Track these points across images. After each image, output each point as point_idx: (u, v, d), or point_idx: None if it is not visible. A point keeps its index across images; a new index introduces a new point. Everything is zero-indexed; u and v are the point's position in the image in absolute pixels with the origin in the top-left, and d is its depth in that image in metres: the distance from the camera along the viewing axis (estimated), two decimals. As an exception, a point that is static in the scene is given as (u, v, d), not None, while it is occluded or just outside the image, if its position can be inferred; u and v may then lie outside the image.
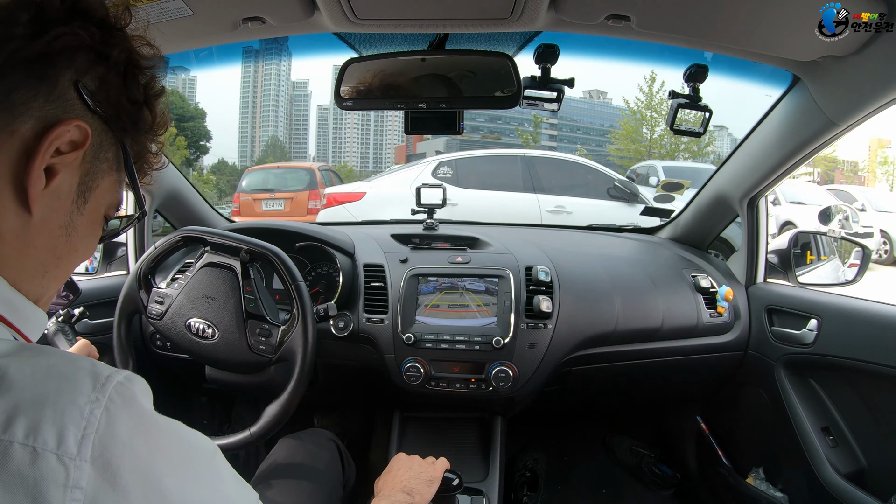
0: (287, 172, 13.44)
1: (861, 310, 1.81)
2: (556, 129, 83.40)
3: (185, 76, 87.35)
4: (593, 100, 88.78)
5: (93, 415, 0.52)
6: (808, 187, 14.71)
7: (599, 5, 1.29)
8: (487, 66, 1.43)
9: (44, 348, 0.59)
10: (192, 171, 44.69)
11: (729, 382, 2.29)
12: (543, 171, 7.97)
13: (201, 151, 48.46)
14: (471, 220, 2.75)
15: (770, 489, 2.08)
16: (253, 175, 13.58)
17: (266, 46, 67.14)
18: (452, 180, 7.42)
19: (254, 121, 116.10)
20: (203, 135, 47.89)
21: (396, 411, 2.11)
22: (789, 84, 1.71)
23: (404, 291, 1.97)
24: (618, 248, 2.52)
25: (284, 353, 1.52)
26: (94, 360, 0.58)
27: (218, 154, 78.40)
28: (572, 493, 2.63)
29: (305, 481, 1.49)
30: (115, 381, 0.56)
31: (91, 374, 0.56)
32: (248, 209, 12.00)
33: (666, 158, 24.35)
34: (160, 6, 1.25)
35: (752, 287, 2.21)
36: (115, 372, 0.57)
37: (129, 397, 0.56)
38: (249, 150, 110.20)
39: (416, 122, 1.54)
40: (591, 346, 2.01)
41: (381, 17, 1.37)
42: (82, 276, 2.20)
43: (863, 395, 1.83)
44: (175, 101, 46.44)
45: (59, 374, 0.54)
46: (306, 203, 11.81)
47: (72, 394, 0.53)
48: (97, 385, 0.54)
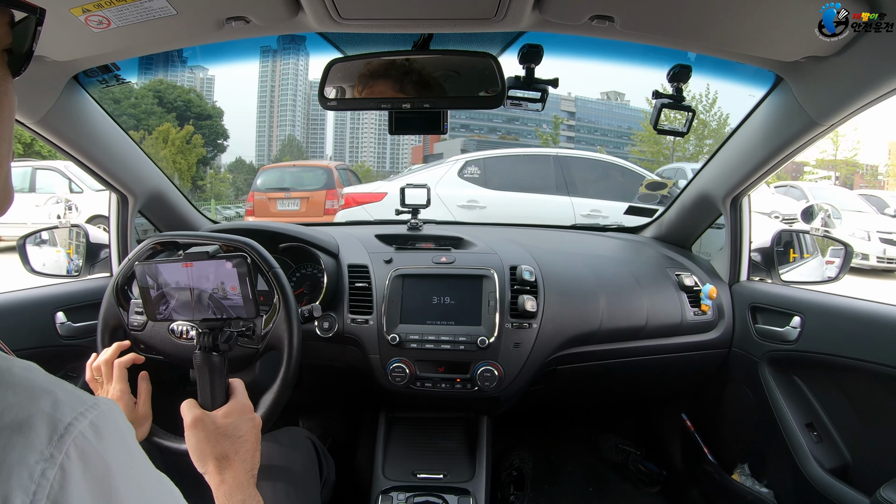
0: (303, 171, 12.87)
1: (844, 307, 1.83)
2: (573, 130, 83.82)
3: (202, 75, 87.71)
4: (611, 101, 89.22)
5: (44, 477, 0.47)
6: (840, 192, 14.52)
7: (584, 6, 1.29)
8: (472, 67, 1.42)
9: (3, 374, 0.52)
10: (209, 169, 45.07)
11: (713, 380, 2.31)
12: (577, 172, 7.47)
13: (218, 150, 49.06)
14: (455, 221, 2.75)
15: (755, 485, 2.10)
16: (268, 173, 13.12)
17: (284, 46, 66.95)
18: (480, 181, 7.17)
19: (271, 119, 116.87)
20: (220, 133, 48.17)
21: (382, 412, 2.11)
22: (772, 84, 1.72)
23: (389, 292, 1.97)
24: (602, 247, 2.53)
25: (271, 340, 1.49)
26: (59, 394, 0.52)
27: (235, 153, 79.11)
28: (559, 491, 2.64)
29: (282, 482, 1.47)
30: (77, 431, 0.50)
31: (48, 420, 0.49)
32: (262, 209, 11.67)
33: (690, 161, 24.19)
34: (143, 5, 1.24)
35: (735, 285, 2.23)
36: (80, 414, 0.51)
37: (91, 451, 0.50)
38: (267, 149, 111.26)
39: (400, 123, 1.54)
40: (576, 345, 2.02)
41: (366, 16, 1.37)
42: (64, 279, 2.18)
43: (846, 391, 1.85)
44: (192, 100, 46.85)
45: (11, 424, 0.48)
46: (323, 203, 11.36)
47: (22, 450, 0.47)
48: (53, 437, 0.49)
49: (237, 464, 1.08)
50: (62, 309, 2.00)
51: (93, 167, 1.95)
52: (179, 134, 36.77)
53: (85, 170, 1.95)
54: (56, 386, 0.53)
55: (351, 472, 2.40)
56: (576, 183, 7.27)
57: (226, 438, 1.11)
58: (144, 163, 2.16)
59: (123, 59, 1.63)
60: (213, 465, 1.07)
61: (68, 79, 1.67)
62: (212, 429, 1.12)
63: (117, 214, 2.17)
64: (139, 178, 2.15)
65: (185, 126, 38.58)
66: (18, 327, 1.86)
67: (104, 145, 1.95)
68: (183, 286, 1.25)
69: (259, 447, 1.17)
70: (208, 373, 1.21)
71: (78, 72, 1.67)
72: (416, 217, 2.42)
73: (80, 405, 0.52)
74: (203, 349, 1.23)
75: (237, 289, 1.21)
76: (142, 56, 1.63)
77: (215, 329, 1.25)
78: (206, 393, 1.21)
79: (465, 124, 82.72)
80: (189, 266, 1.23)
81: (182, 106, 45.07)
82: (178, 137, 36.41)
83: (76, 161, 1.89)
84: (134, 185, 2.13)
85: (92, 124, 1.87)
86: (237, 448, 1.11)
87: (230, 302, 1.23)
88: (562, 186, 7.21)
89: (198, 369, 1.21)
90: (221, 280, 1.22)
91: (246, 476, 1.08)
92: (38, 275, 2.12)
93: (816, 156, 37.52)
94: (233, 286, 1.21)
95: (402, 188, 2.40)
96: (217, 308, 1.24)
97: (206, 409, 1.17)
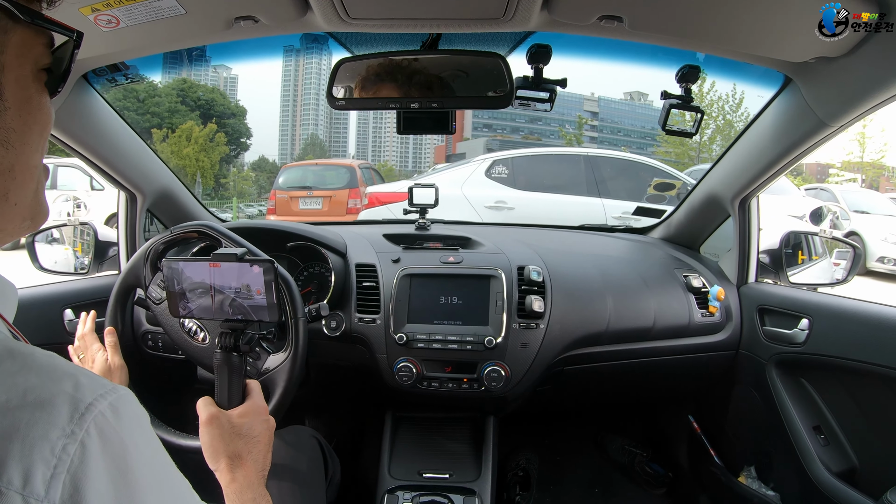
0: (326, 170, 12.54)
1: (852, 309, 1.82)
2: (596, 130, 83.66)
3: (226, 74, 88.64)
4: (634, 102, 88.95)
5: (65, 452, 0.48)
6: (870, 195, 14.21)
7: (592, 6, 1.29)
8: (480, 66, 1.42)
9: (27, 357, 0.54)
10: (232, 167, 45.80)
11: (721, 382, 2.30)
12: (609, 173, 7.13)
13: (241, 148, 49.70)
14: (463, 220, 2.75)
15: (762, 488, 2.09)
16: (290, 172, 12.79)
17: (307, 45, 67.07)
18: (508, 181, 6.89)
19: (294, 119, 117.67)
20: (243, 132, 48.74)
21: (388, 411, 2.11)
22: (781, 85, 1.71)
23: (396, 291, 1.97)
24: (610, 248, 2.52)
25: (266, 381, 1.48)
26: (81, 377, 0.55)
27: (258, 151, 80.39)
28: (564, 492, 2.64)
29: (287, 481, 1.47)
30: (97, 411, 0.52)
31: (70, 400, 0.51)
32: (284, 207, 11.44)
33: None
34: (152, 5, 1.24)
35: (743, 287, 2.22)
36: (100, 396, 0.53)
37: (110, 431, 0.52)
38: (290, 148, 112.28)
39: (408, 122, 1.54)
40: (583, 346, 2.02)
41: (374, 16, 1.37)
42: (72, 277, 2.19)
43: (854, 394, 1.84)
44: (216, 99, 47.38)
45: (35, 401, 0.50)
46: (346, 202, 11.10)
47: (45, 426, 0.49)
48: (75, 415, 0.50)
49: (249, 463, 1.09)
50: (70, 306, 2.01)
51: (101, 165, 1.96)
52: (202, 132, 37.02)
53: (94, 168, 1.96)
54: (77, 371, 0.55)
55: (357, 472, 2.41)
56: (607, 184, 7.01)
57: (240, 438, 1.12)
58: (153, 161, 2.17)
59: (132, 58, 1.63)
60: (226, 464, 1.07)
61: (77, 78, 1.68)
62: (227, 427, 1.12)
63: (126, 212, 2.18)
64: (148, 176, 2.16)
65: (209, 124, 38.88)
66: (27, 323, 1.87)
67: (113, 144, 1.96)
68: (206, 285, 1.26)
69: (271, 449, 1.18)
70: (227, 372, 1.22)
71: (87, 71, 1.68)
72: (424, 217, 2.42)
73: (100, 388, 0.54)
74: (224, 349, 1.24)
75: (262, 293, 1.22)
76: (165, 53, 1.65)
77: (237, 330, 1.26)
78: (224, 392, 1.22)
79: (488, 124, 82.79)
80: (216, 266, 1.24)
81: (205, 104, 45.55)
82: (202, 135, 36.67)
83: (85, 159, 1.90)
84: (142, 183, 2.13)
85: (101, 123, 1.88)
86: (250, 448, 1.12)
87: (253, 304, 1.24)
88: (592, 187, 6.95)
89: (217, 368, 1.23)
90: (247, 283, 1.23)
91: (257, 476, 1.09)
92: (47, 272, 2.13)
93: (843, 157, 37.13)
94: (258, 289, 1.22)
95: (409, 188, 2.41)
96: (239, 310, 1.25)
97: (222, 407, 1.18)
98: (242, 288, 1.23)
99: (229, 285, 1.24)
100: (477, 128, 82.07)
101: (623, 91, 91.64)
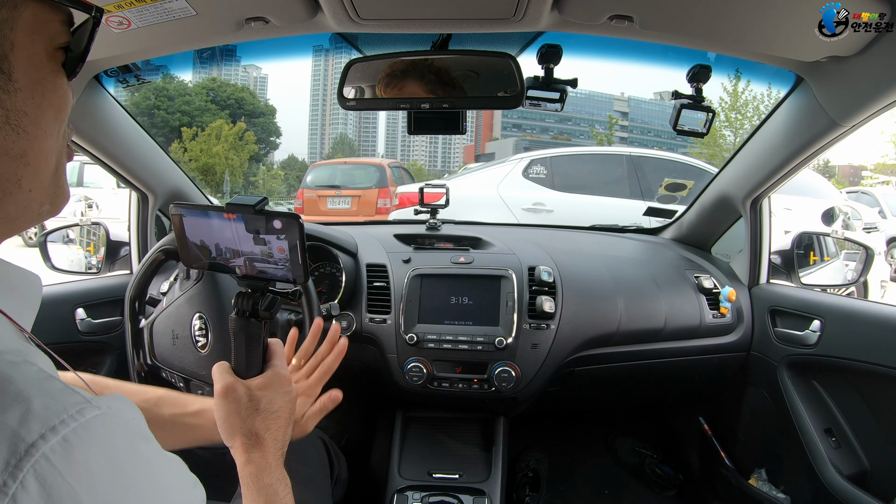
0: (355, 168, 11.96)
1: (864, 311, 1.81)
2: (626, 130, 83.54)
3: (255, 74, 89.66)
4: (664, 101, 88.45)
5: None
6: None
7: (602, 6, 1.28)
8: (490, 67, 1.42)
9: None
10: (261, 165, 46.39)
11: (732, 383, 2.29)
12: (652, 174, 6.63)
13: (271, 147, 50.43)
14: (473, 221, 2.75)
15: (773, 490, 2.08)
16: (319, 170, 12.28)
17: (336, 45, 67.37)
18: (546, 181, 6.54)
19: (324, 118, 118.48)
20: (273, 131, 49.50)
21: (398, 411, 2.11)
22: (793, 84, 1.70)
23: (407, 292, 1.97)
24: (621, 248, 2.51)
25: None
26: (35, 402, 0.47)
27: (288, 150, 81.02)
28: (574, 493, 2.63)
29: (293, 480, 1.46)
30: (40, 453, 0.44)
31: (10, 439, 0.44)
32: (311, 207, 10.99)
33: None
34: (163, 6, 1.25)
35: (755, 288, 2.21)
36: (51, 430, 0.46)
37: (54, 479, 0.44)
38: (319, 147, 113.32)
39: (419, 123, 1.54)
40: (594, 347, 2.01)
41: (384, 17, 1.37)
42: (84, 276, 2.20)
43: (866, 396, 1.83)
44: (245, 97, 48.01)
45: None
46: (375, 202, 10.65)
47: None
48: (11, 461, 0.43)
49: (268, 442, 0.98)
50: (82, 305, 2.02)
51: (113, 165, 1.97)
52: (232, 130, 37.17)
53: (105, 168, 1.97)
54: (36, 390, 0.49)
55: (366, 471, 2.41)
56: (651, 186, 6.49)
57: (258, 414, 0.98)
58: (164, 162, 2.18)
59: (144, 59, 1.64)
60: (241, 442, 0.95)
61: (89, 79, 1.69)
62: (245, 401, 0.98)
63: (137, 212, 2.19)
64: (159, 176, 2.17)
65: (238, 123, 39.06)
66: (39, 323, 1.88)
67: (124, 144, 1.97)
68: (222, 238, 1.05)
69: (292, 423, 1.05)
70: (245, 339, 1.04)
71: (98, 72, 1.69)
72: (435, 217, 2.42)
73: (54, 417, 0.47)
74: (241, 314, 1.04)
75: (285, 251, 1.01)
76: (196, 51, 1.66)
77: (256, 291, 1.06)
78: (242, 359, 1.05)
79: (517, 124, 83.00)
80: (231, 217, 1.01)
81: (235, 103, 46.07)
82: (231, 134, 36.81)
83: (97, 160, 1.91)
84: (154, 183, 2.14)
85: (112, 123, 1.89)
86: (269, 425, 0.99)
87: (274, 263, 1.03)
88: (636, 189, 6.50)
89: (233, 335, 1.05)
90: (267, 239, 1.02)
91: (275, 457, 0.99)
92: (58, 271, 2.15)
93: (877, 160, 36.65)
94: (280, 247, 1.01)
95: (420, 188, 2.42)
96: (258, 268, 1.05)
97: (239, 376, 1.02)
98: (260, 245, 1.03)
99: (247, 240, 1.03)
100: (506, 127, 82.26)
101: (653, 91, 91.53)
